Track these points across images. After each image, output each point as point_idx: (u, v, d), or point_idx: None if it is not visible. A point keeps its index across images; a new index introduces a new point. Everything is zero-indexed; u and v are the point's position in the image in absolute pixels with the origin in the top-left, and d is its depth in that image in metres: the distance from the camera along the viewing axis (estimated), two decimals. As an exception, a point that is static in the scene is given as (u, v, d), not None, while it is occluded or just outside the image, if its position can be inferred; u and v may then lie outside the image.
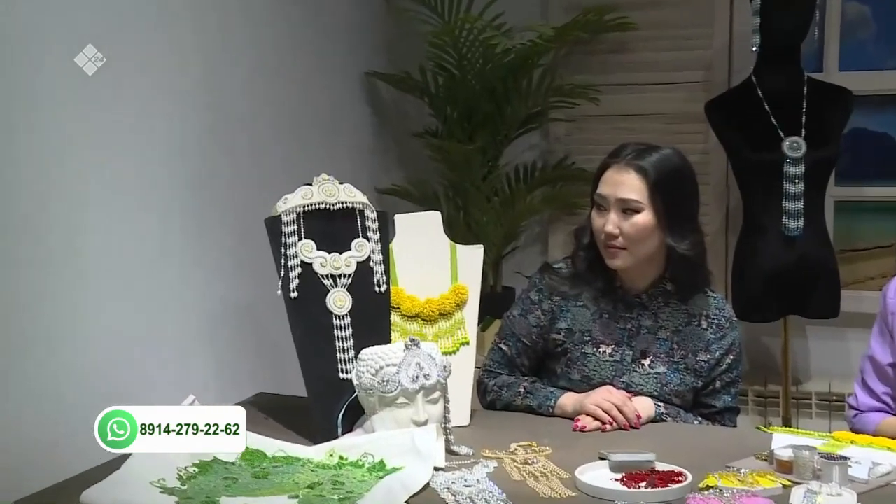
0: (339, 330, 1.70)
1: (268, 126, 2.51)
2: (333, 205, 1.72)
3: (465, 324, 1.81)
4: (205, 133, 2.23)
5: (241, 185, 2.36)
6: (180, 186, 2.14)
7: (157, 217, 2.06)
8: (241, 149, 2.39)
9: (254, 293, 2.27)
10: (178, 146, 2.13)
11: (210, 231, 2.24)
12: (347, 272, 1.73)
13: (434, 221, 1.84)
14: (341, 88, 3.01)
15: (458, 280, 1.82)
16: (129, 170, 1.96)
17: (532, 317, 1.88)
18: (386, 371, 1.53)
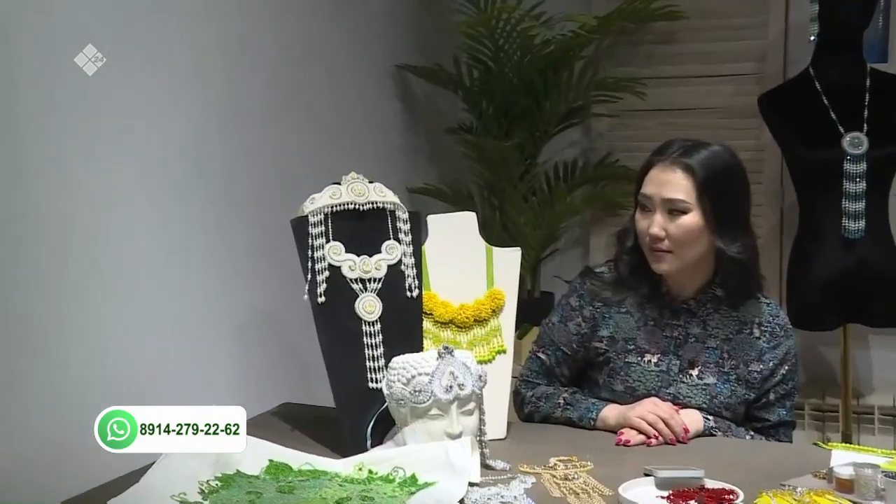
0: (368, 337, 1.71)
1: (293, 123, 2.54)
2: (363, 205, 1.74)
3: (502, 331, 1.81)
4: (226, 130, 2.26)
5: (265, 185, 2.38)
6: (200, 187, 2.17)
7: (174, 219, 2.09)
8: (265, 147, 2.41)
9: (279, 298, 2.29)
10: (198, 145, 2.16)
11: (232, 233, 2.26)
12: (377, 276, 1.74)
13: (469, 223, 1.85)
14: (370, 82, 3.03)
15: (493, 285, 1.83)
16: (146, 170, 1.99)
17: (572, 324, 1.89)
18: (418, 380, 1.54)
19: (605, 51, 3.40)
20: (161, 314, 2.02)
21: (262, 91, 2.40)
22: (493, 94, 3.20)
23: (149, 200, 1.99)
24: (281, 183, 2.39)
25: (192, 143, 2.13)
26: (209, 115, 2.19)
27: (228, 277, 2.25)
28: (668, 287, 1.84)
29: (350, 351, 1.70)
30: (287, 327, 2.34)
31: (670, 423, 1.73)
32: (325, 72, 2.69)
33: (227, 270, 2.24)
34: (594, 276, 1.89)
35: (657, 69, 3.34)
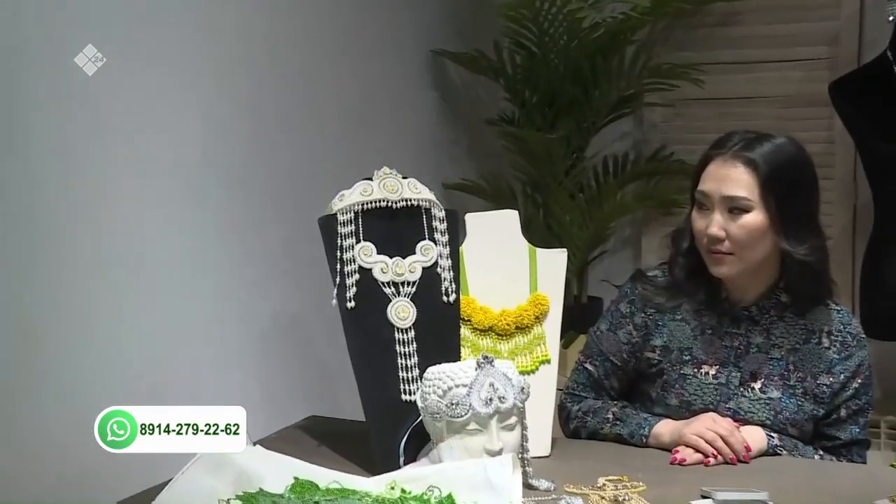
0: (401, 345, 1.72)
1: (320, 113, 2.55)
2: (396, 202, 1.75)
3: (546, 339, 1.81)
4: (245, 124, 2.26)
5: (290, 182, 2.40)
6: (216, 183, 2.17)
7: (188, 219, 2.09)
8: (290, 140, 2.42)
9: (304, 303, 2.30)
10: (215, 140, 2.17)
11: (254, 234, 2.28)
12: (411, 279, 1.75)
13: (510, 222, 1.85)
14: (404, 70, 3.04)
15: (537, 289, 1.83)
16: (158, 167, 2.00)
17: (622, 332, 1.88)
18: (455, 392, 1.54)
19: (660, 34, 3.39)
20: (175, 321, 2.04)
21: (284, 81, 2.42)
22: (536, 82, 3.20)
23: (159, 199, 2.01)
24: (307, 179, 2.41)
25: (208, 138, 2.14)
26: (227, 108, 2.20)
27: (249, 281, 2.26)
28: (727, 292, 1.83)
29: (381, 360, 1.71)
30: (313, 334, 2.36)
31: (730, 440, 1.72)
32: (354, 59, 2.70)
33: (247, 273, 2.25)
34: (646, 281, 1.89)
35: (717, 54, 3.32)
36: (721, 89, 3.30)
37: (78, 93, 1.76)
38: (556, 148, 3.14)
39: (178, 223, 2.06)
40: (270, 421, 2.03)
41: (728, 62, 3.33)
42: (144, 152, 1.94)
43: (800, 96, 3.24)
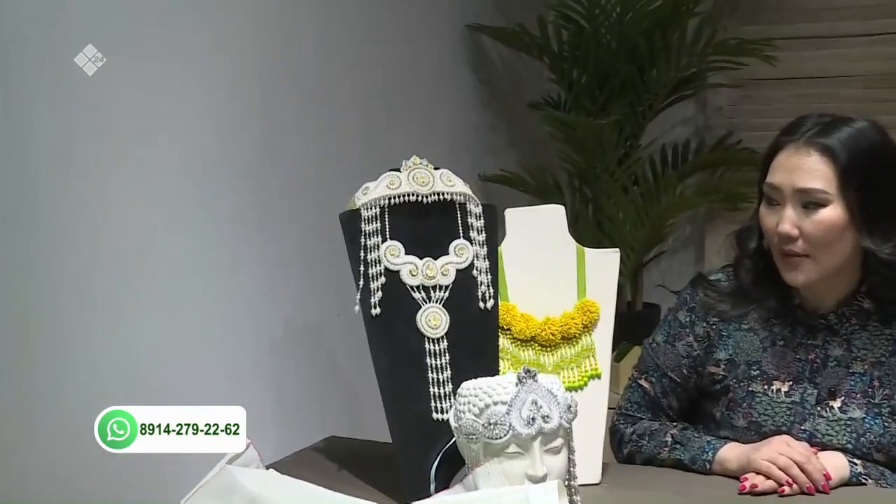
0: (432, 357, 1.73)
1: (342, 97, 2.56)
2: (427, 196, 1.76)
3: (596, 351, 1.82)
4: (260, 110, 2.27)
5: (308, 173, 2.41)
6: (226, 175, 2.18)
7: (196, 217, 2.11)
8: (309, 126, 2.43)
9: (322, 309, 2.32)
10: (224, 127, 2.17)
11: (267, 232, 2.29)
12: (444, 283, 1.76)
13: (555, 218, 1.85)
14: (436, 48, 3.05)
15: (586, 294, 1.83)
16: (164, 160, 2.01)
17: (682, 344, 1.88)
18: (493, 411, 1.55)
19: (726, 5, 3.37)
20: (177, 330, 2.05)
21: (306, 61, 2.43)
22: (586, 60, 3.20)
23: (162, 196, 2.02)
24: (327, 171, 2.42)
25: (216, 127, 2.15)
26: (236, 93, 2.21)
27: (260, 284, 2.27)
28: (801, 298, 1.82)
29: (410, 374, 1.72)
30: (333, 345, 2.37)
31: (807, 467, 1.71)
32: (379, 38, 2.71)
33: (258, 275, 2.26)
34: (708, 286, 1.88)
35: (791, 28, 3.30)
36: (796, 67, 3.28)
37: (78, 91, 1.81)
38: (607, 135, 3.13)
39: (182, 221, 2.07)
40: (284, 442, 2.04)
41: (804, 37, 3.31)
42: (147, 148, 1.97)
43: (886, 75, 3.22)
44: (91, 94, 1.83)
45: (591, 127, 3.11)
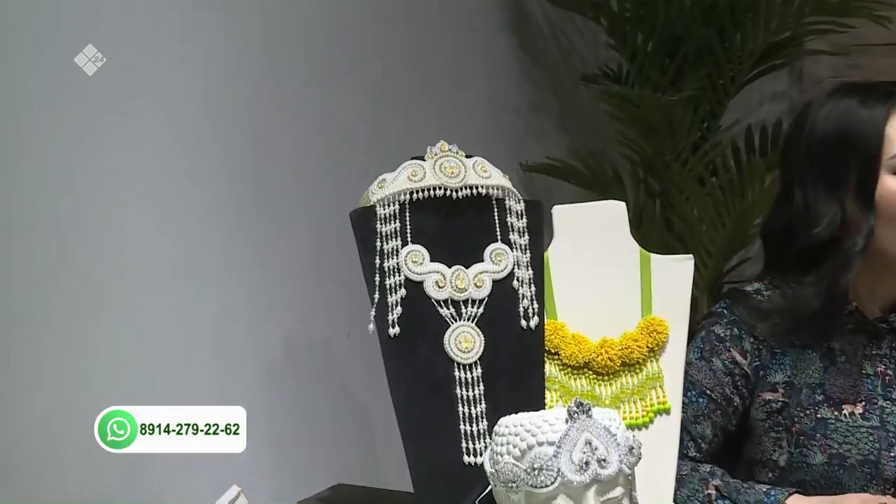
0: (463, 387, 1.73)
1: (353, 70, 2.57)
2: (457, 190, 1.77)
3: (664, 380, 1.82)
4: (258, 90, 2.30)
5: (312, 163, 2.43)
6: (220, 173, 2.21)
7: (182, 219, 2.14)
8: (313, 107, 2.45)
9: (330, 329, 2.34)
10: (217, 107, 2.20)
11: (263, 234, 2.30)
12: (478, 296, 1.76)
13: (614, 217, 1.86)
14: (470, 9, 3.05)
15: (652, 311, 1.83)
16: (151, 158, 2.06)
17: (720, 360, 1.89)
18: (538, 453, 1.55)
19: (827, -45, 3.36)
20: (158, 352, 2.08)
21: (307, 32, 2.45)
22: (653, 22, 3.19)
23: (145, 196, 2.06)
24: (334, 160, 2.44)
25: (207, 113, 2.19)
26: (229, 68, 2.24)
27: (257, 298, 2.28)
28: (859, 300, 1.86)
29: (436, 407, 1.73)
30: (342, 371, 2.38)
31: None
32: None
33: (254, 287, 2.28)
34: (746, 302, 1.90)
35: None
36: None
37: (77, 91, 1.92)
38: (679, 114, 3.12)
39: (166, 225, 2.11)
40: (284, 489, 2.08)
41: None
42: (134, 145, 2.04)
43: None
44: (81, 93, 1.92)
45: (659, 104, 3.10)
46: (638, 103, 3.15)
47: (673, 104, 3.10)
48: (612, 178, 3.28)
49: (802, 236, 1.84)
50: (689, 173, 3.20)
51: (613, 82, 3.30)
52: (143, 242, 2.06)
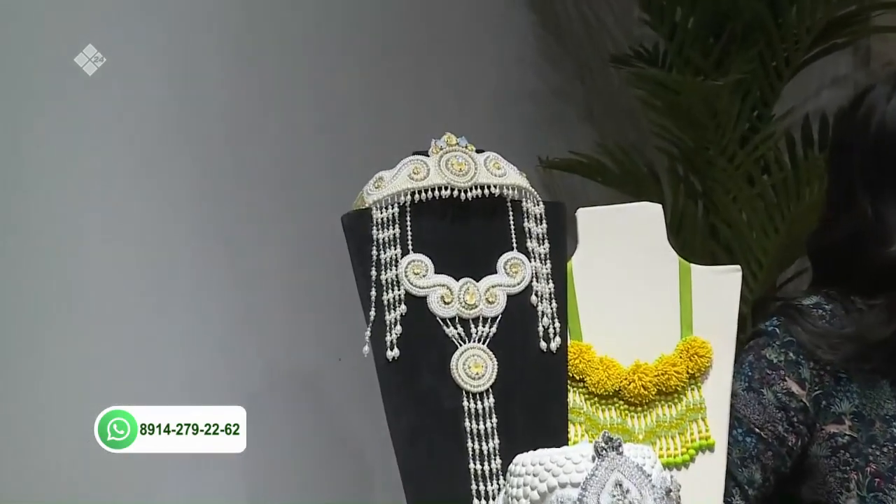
0: (474, 419, 1.73)
1: (347, 50, 2.59)
2: (466, 190, 1.76)
3: (707, 412, 1.82)
4: (237, 64, 2.33)
5: (300, 158, 2.45)
6: (186, 161, 2.25)
7: (149, 231, 2.21)
8: (297, 95, 2.47)
9: (319, 351, 2.35)
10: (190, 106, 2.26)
11: (241, 242, 2.33)
12: (490, 314, 1.76)
13: (649, 222, 1.86)
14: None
15: (693, 331, 1.83)
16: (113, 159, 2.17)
17: (775, 391, 1.88)
18: (560, 496, 1.55)
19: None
20: (120, 386, 2.14)
21: (296, 3, 2.48)
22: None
23: (104, 184, 2.15)
24: (327, 155, 2.47)
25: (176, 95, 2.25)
26: (204, 44, 2.29)
27: (232, 314, 2.31)
28: None
29: (441, 443, 1.72)
30: (332, 400, 2.38)
31: None
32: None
33: (232, 304, 2.30)
34: (803, 316, 1.89)
35: None
36: None
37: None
38: (725, 102, 3.12)
39: (122, 227, 2.17)
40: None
41: None
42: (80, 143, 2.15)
43: None
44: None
45: (701, 90, 3.10)
46: (677, 89, 3.15)
47: (718, 90, 3.10)
48: (647, 176, 3.28)
49: (873, 254, 1.83)
50: (736, 170, 3.20)
51: (649, 65, 3.30)
52: (99, 251, 2.18)
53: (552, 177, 3.10)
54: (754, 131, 3.24)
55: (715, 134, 3.17)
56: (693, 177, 3.30)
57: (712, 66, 3.20)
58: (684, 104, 3.15)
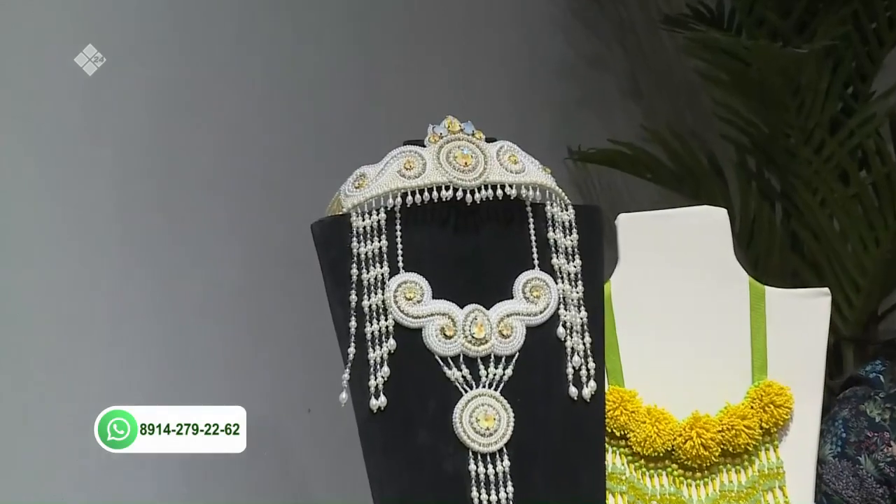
0: (483, 488, 1.71)
1: (327, 25, 2.66)
2: (473, 191, 1.75)
3: (784, 477, 1.81)
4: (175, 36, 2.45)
5: (258, 150, 2.51)
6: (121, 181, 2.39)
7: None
8: (258, 61, 2.54)
9: (284, 401, 2.38)
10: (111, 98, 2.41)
11: (181, 259, 2.44)
12: (504, 351, 1.75)
13: (711, 231, 1.87)
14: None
15: (767, 372, 1.83)
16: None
17: (874, 459, 1.90)
18: None
19: None
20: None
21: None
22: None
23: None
24: (294, 147, 2.53)
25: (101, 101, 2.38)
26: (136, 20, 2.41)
27: (166, 353, 2.43)
28: None
29: (443, 519, 1.71)
30: (300, 465, 2.38)
31: None
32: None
33: (161, 335, 2.43)
34: None
35: None
36: None
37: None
38: (810, 75, 3.12)
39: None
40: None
41: None
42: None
43: None
44: None
45: (779, 60, 3.10)
46: (748, 59, 3.15)
47: (801, 60, 3.10)
48: (709, 172, 3.27)
49: None
50: (824, 164, 3.20)
51: (711, 27, 3.30)
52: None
53: (586, 172, 3.11)
54: (848, 113, 3.24)
55: (797, 117, 3.17)
56: (769, 172, 3.30)
57: (793, 29, 3.20)
58: (757, 78, 3.15)
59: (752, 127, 3.26)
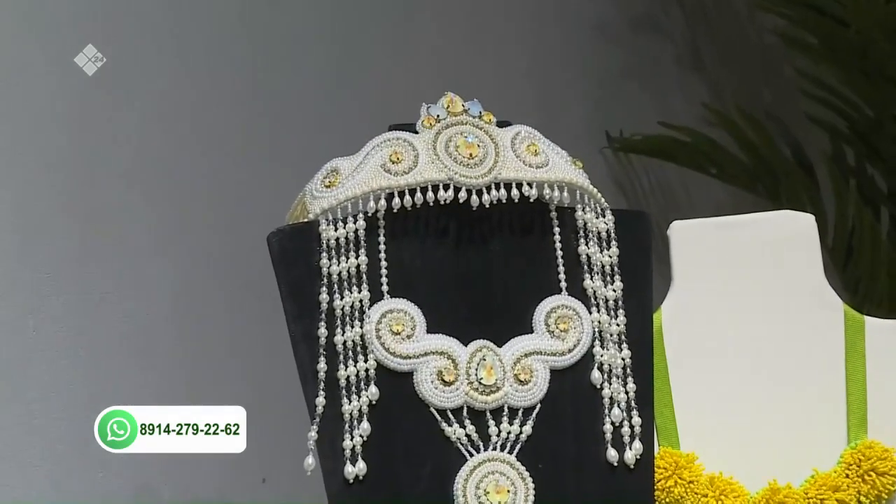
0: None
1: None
2: (480, 191, 1.76)
3: (894, 569, 1.82)
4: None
5: (199, 142, 2.61)
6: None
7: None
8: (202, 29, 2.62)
9: (233, 468, 2.50)
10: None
11: (105, 277, 2.63)
12: (522, 402, 1.76)
13: (796, 243, 1.88)
14: None
15: (867, 429, 1.85)
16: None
17: None
18: None
19: None
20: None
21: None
22: None
23: None
24: (247, 137, 2.61)
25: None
26: None
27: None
28: None
29: None
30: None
31: None
32: None
33: (83, 381, 2.64)
34: None
35: None
36: None
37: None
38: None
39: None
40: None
41: None
42: None
43: None
44: None
45: (888, 18, 3.12)
46: (845, 17, 3.16)
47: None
48: (793, 167, 3.29)
49: None
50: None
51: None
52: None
53: (630, 166, 3.12)
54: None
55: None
56: (872, 168, 3.31)
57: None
58: (858, 42, 3.17)
59: (850, 108, 3.28)
